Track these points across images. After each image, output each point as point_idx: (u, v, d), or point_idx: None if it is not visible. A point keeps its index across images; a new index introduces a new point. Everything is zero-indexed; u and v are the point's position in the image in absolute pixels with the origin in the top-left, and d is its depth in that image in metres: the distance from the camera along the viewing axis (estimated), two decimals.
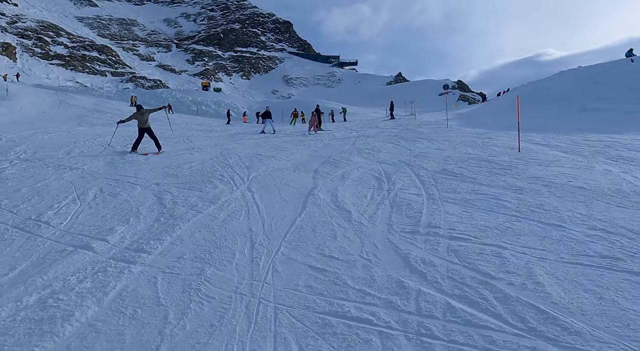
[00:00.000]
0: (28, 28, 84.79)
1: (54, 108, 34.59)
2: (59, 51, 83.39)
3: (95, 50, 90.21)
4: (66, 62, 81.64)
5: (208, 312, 2.61)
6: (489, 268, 3.13)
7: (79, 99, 41.53)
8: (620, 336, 2.26)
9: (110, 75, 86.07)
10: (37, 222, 4.57)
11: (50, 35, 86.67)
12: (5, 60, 71.99)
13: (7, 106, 30.33)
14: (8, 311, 2.62)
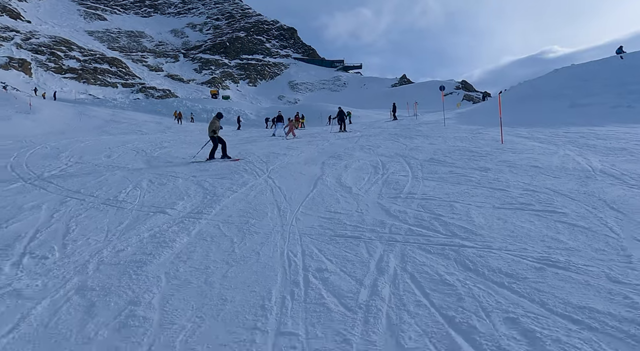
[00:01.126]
0: (42, 44, 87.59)
1: (74, 119, 36.66)
2: (72, 65, 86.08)
3: (106, 63, 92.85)
4: (79, 75, 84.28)
5: (257, 238, 4.11)
6: (442, 212, 4.60)
7: (96, 111, 43.61)
8: (505, 236, 3.71)
9: (121, 87, 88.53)
10: (116, 200, 6.13)
11: (63, 50, 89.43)
12: (22, 75, 74.71)
13: (34, 119, 32.40)
14: (136, 239, 4.15)
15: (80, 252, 3.92)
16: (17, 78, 70.73)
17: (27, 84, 69.18)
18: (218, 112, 12.42)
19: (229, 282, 3.11)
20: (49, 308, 2.81)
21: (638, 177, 5.72)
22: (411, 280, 2.98)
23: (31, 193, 6.87)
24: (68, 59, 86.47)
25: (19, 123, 29.79)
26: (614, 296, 2.58)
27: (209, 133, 11.66)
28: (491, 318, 2.42)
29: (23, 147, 14.29)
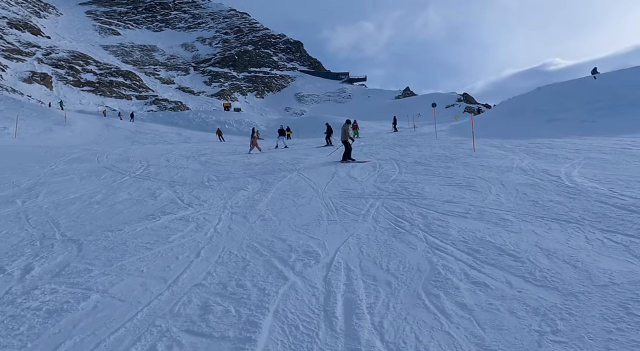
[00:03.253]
0: (61, 58, 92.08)
1: (104, 131, 40.42)
2: (89, 78, 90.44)
3: (120, 76, 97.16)
4: (95, 88, 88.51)
5: (306, 199, 7.45)
6: (409, 187, 7.94)
7: (120, 123, 47.47)
8: (435, 195, 7.04)
9: (135, 99, 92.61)
10: (204, 185, 9.52)
11: (80, 64, 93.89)
12: (43, 88, 78.94)
13: (71, 130, 36.16)
14: (241, 199, 7.56)
15: (216, 204, 7.31)
16: (40, 91, 75.04)
17: (48, 96, 73.45)
18: (347, 120, 15.17)
19: (299, 210, 6.48)
20: (211, 219, 6.17)
21: (538, 170, 9.05)
22: (384, 207, 6.33)
23: (144, 182, 10.30)
24: (85, 73, 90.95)
25: (60, 134, 33.51)
26: (477, 214, 5.90)
27: (342, 138, 13.91)
28: (413, 215, 5.73)
29: (93, 154, 17.83)
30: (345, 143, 13.72)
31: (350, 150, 13.58)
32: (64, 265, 4.07)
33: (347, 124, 14.38)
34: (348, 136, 13.75)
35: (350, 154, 13.50)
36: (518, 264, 3.54)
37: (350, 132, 13.95)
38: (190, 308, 3.00)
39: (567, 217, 5.05)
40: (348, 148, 13.56)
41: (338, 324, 2.67)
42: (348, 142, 13.66)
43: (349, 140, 13.74)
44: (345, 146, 13.65)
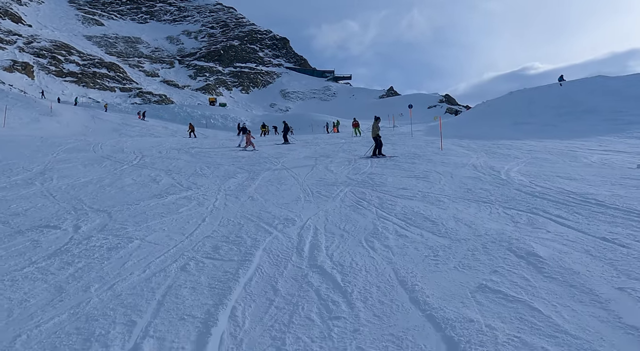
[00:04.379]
0: (43, 48, 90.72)
1: (91, 122, 40.98)
2: (72, 69, 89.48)
3: (104, 68, 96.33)
4: (78, 79, 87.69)
5: (288, 186, 8.88)
6: (375, 178, 9.45)
7: (107, 115, 47.92)
8: (396, 184, 8.56)
9: (119, 91, 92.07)
10: (198, 174, 10.85)
11: (63, 54, 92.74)
12: (25, 78, 77.94)
13: (57, 121, 36.68)
14: (232, 185, 8.93)
15: (211, 188, 8.68)
16: (21, 80, 74.13)
17: (30, 86, 72.75)
18: (376, 117, 15.77)
19: (281, 194, 7.92)
20: (209, 198, 7.56)
21: (486, 167, 10.70)
22: (351, 192, 7.82)
23: (143, 170, 11.56)
24: (68, 63, 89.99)
25: (47, 125, 34.07)
26: (421, 197, 7.43)
27: (373, 134, 14.75)
28: (372, 198, 7.23)
29: (88, 145, 18.86)
30: (375, 139, 14.52)
31: (380, 145, 14.34)
32: (103, 225, 5.43)
33: (376, 121, 15.16)
34: (377, 132, 14.61)
35: (380, 150, 14.30)
36: (433, 226, 5.07)
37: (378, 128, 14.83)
38: (205, 247, 4.41)
39: (485, 199, 6.63)
40: (378, 143, 14.35)
41: (305, 254, 4.14)
42: (378, 137, 14.46)
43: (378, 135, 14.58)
44: (376, 141, 14.45)
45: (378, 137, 14.54)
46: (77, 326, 2.65)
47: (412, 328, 2.57)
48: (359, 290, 3.19)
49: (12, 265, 3.82)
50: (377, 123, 15.07)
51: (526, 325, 2.52)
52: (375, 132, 14.69)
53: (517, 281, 3.20)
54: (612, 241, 4.10)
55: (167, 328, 2.63)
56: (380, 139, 14.55)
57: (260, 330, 2.61)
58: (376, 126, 14.95)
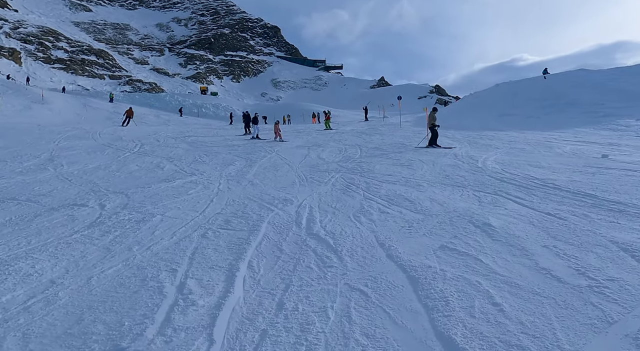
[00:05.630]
0: (30, 33, 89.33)
1: (82, 110, 41.14)
2: (60, 55, 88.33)
3: (93, 54, 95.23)
4: (67, 66, 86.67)
5: (281, 173, 9.66)
6: (364, 166, 10.30)
7: (97, 103, 47.91)
8: (382, 171, 9.42)
9: (108, 78, 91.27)
10: (198, 161, 11.59)
11: (51, 40, 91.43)
12: (12, 64, 76.87)
13: (49, 109, 36.82)
14: (233, 170, 9.70)
15: (213, 174, 9.45)
16: (8, 67, 73.16)
17: (17, 72, 71.86)
18: (434, 107, 15.87)
19: (278, 179, 8.73)
20: (213, 183, 8.34)
21: (466, 156, 11.62)
22: (341, 178, 8.67)
23: (145, 157, 12.26)
24: (56, 50, 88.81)
25: (40, 113, 34.25)
26: (404, 182, 8.30)
27: (428, 124, 14.69)
28: (360, 182, 8.08)
29: (86, 133, 19.40)
30: (431, 129, 14.53)
31: (436, 136, 14.42)
32: (124, 204, 6.20)
33: (434, 111, 15.10)
34: (433, 122, 14.56)
35: (436, 140, 14.38)
36: (411, 205, 5.95)
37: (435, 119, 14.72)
38: (218, 221, 5.23)
39: (460, 184, 7.53)
40: (434, 134, 14.44)
41: (302, 226, 4.99)
42: (434, 127, 14.50)
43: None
44: (432, 132, 14.52)
45: (434, 127, 14.55)
46: (133, 272, 3.46)
47: (386, 272, 3.44)
48: (347, 249, 4.06)
49: (60, 233, 4.60)
50: (434, 114, 14.99)
51: (469, 269, 3.41)
52: (432, 122, 14.64)
53: (470, 243, 4.09)
54: (554, 215, 5.02)
55: (201, 273, 3.46)
56: (436, 129, 14.54)
57: (272, 274, 3.46)
58: (433, 116, 14.88)
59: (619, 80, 30.63)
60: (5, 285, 3.16)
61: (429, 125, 14.69)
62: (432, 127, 14.54)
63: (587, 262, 3.48)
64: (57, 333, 2.50)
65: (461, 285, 3.14)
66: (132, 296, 3.00)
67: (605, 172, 8.28)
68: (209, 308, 2.81)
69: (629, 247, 3.76)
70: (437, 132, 14.52)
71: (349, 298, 3.00)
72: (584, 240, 4.04)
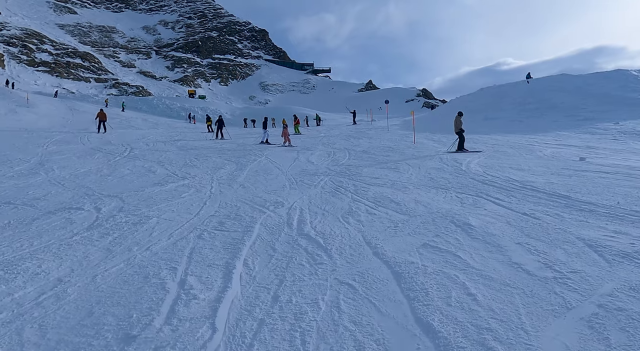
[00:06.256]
0: (13, 36, 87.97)
1: (69, 114, 40.73)
2: (44, 58, 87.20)
3: (78, 57, 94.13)
4: (52, 69, 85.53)
5: (272, 176, 9.90)
6: (352, 169, 10.59)
7: (84, 106, 47.48)
8: (370, 174, 9.75)
9: (94, 82, 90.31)
10: (189, 165, 11.76)
11: (35, 43, 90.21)
12: None
13: (35, 112, 36.43)
14: (224, 174, 9.90)
15: (205, 177, 9.64)
16: None
17: (1, 75, 70.73)
18: (459, 112, 15.46)
19: (269, 182, 8.97)
20: (205, 186, 8.54)
21: (451, 159, 12.00)
22: (330, 181, 8.95)
23: (136, 162, 12.38)
24: (40, 52, 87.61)
25: (25, 116, 33.86)
26: (390, 184, 8.61)
27: (455, 129, 14.62)
28: (349, 185, 8.37)
29: (74, 137, 19.36)
30: (459, 134, 14.53)
31: (463, 140, 14.42)
32: (120, 207, 6.38)
33: (459, 116, 15.05)
34: (460, 127, 14.63)
35: (463, 145, 14.34)
36: (397, 206, 6.25)
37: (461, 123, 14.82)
38: (212, 223, 5.46)
39: (444, 186, 7.87)
40: (462, 138, 14.43)
41: (294, 226, 5.25)
42: (461, 132, 14.52)
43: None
44: (460, 137, 14.50)
45: (462, 132, 14.58)
46: (135, 270, 3.68)
47: (372, 268, 3.73)
48: (336, 248, 4.33)
49: (60, 235, 4.78)
50: (459, 118, 15.03)
51: (448, 264, 3.72)
52: (459, 127, 14.70)
53: (450, 241, 4.40)
54: (530, 215, 5.36)
55: (200, 271, 3.70)
56: (463, 134, 14.56)
57: (267, 271, 3.71)
58: (459, 121, 14.94)
59: (598, 84, 31.58)
60: (15, 283, 3.36)
61: (457, 130, 14.67)
62: (460, 132, 14.57)
63: (555, 256, 3.81)
64: (71, 324, 2.71)
65: (440, 278, 3.44)
66: (136, 292, 3.23)
67: (581, 175, 8.72)
68: (209, 302, 3.05)
69: (593, 243, 4.11)
70: (464, 136, 14.54)
71: (338, 291, 3.27)
72: (554, 238, 4.38)
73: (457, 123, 14.84)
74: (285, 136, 18.73)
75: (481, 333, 2.56)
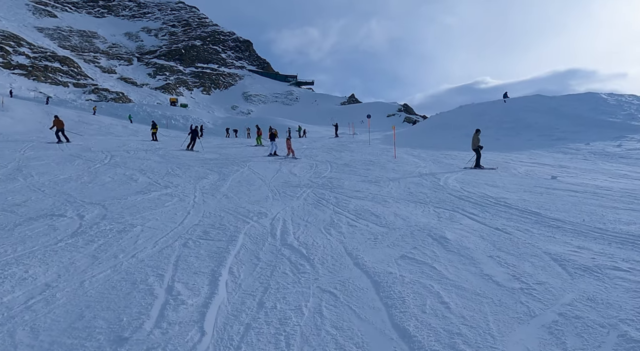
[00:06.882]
0: None
1: (45, 119, 39.83)
2: (21, 61, 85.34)
3: (57, 61, 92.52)
4: (28, 72, 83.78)
5: (255, 187, 10.03)
6: (334, 182, 10.83)
7: (61, 111, 46.52)
8: (351, 187, 9.98)
9: (73, 86, 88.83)
10: (171, 174, 11.77)
11: (12, 45, 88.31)
12: None
13: (10, 116, 35.54)
14: (207, 183, 9.96)
15: (188, 187, 9.68)
16: None
17: None
18: (477, 129, 15.68)
19: (252, 193, 9.09)
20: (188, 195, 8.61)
21: (430, 174, 12.37)
22: (313, 193, 9.14)
23: (117, 169, 12.30)
24: (17, 55, 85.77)
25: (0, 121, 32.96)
26: (371, 198, 8.86)
27: (473, 146, 14.85)
28: (330, 198, 8.58)
29: (52, 142, 19.02)
30: (476, 151, 14.78)
31: (479, 156, 14.71)
32: (103, 214, 6.40)
33: (476, 133, 15.25)
34: (478, 144, 14.82)
35: (479, 161, 14.59)
36: (377, 219, 6.48)
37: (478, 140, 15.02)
38: (197, 232, 5.56)
39: (422, 201, 8.17)
40: (479, 155, 14.70)
41: (277, 237, 5.40)
42: (479, 149, 14.75)
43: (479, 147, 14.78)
44: (477, 153, 14.75)
45: (479, 149, 14.79)
46: (122, 277, 3.76)
47: (353, 277, 3.92)
48: (318, 258, 4.51)
49: (44, 241, 4.81)
50: (477, 135, 15.21)
51: (424, 275, 3.94)
52: (476, 144, 14.89)
53: (427, 253, 4.64)
54: (502, 230, 5.67)
55: (186, 278, 3.81)
56: (480, 151, 14.79)
57: (251, 279, 3.85)
58: (476, 138, 15.13)
59: (571, 106, 32.96)
60: (3, 287, 3.40)
61: (474, 147, 14.88)
62: (477, 149, 14.79)
63: (523, 269, 4.09)
64: (63, 327, 2.80)
65: (417, 287, 3.66)
66: (125, 297, 3.32)
67: (552, 192, 9.17)
68: (197, 307, 3.18)
69: (558, 257, 4.41)
70: (480, 153, 14.77)
71: (320, 298, 3.45)
72: (523, 251, 4.68)
73: (475, 141, 15.06)
74: (289, 148, 18.44)
75: (452, 337, 2.78)
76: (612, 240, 5.07)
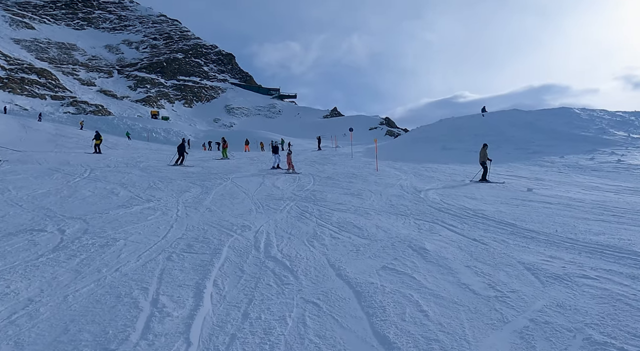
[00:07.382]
0: None
1: (22, 132, 38.97)
2: None
3: (34, 73, 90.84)
4: (4, 84, 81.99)
5: (238, 200, 10.06)
6: (317, 195, 10.94)
7: (39, 124, 45.63)
8: (334, 200, 10.12)
9: (50, 99, 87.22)
10: (152, 188, 11.70)
11: None
12: None
13: None
14: (190, 197, 9.94)
15: (170, 200, 9.65)
16: None
17: None
18: (484, 144, 15.71)
19: (235, 206, 9.13)
20: (171, 209, 8.59)
21: (410, 187, 12.62)
22: (296, 206, 9.23)
23: (97, 183, 12.16)
24: None
25: None
26: (354, 210, 9.00)
27: (480, 160, 14.98)
28: (313, 210, 8.68)
29: (30, 156, 18.65)
30: (483, 165, 14.93)
31: (487, 171, 14.88)
32: (84, 229, 6.36)
33: (484, 148, 15.37)
34: (486, 158, 15.00)
35: (486, 175, 14.76)
36: (359, 231, 6.62)
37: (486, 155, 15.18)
38: (181, 245, 5.58)
39: (403, 212, 8.36)
40: (485, 169, 14.84)
41: (261, 249, 5.47)
42: (485, 164, 14.92)
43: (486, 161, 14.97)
44: (484, 167, 14.88)
45: (485, 162, 14.96)
46: (106, 290, 3.78)
47: (335, 287, 4.03)
48: (302, 269, 4.60)
49: (24, 256, 4.76)
50: (484, 150, 15.32)
51: (404, 285, 4.09)
52: (484, 158, 15.05)
53: (407, 264, 4.79)
54: (479, 241, 5.89)
55: (171, 290, 3.85)
56: (486, 165, 14.96)
57: (236, 291, 3.91)
58: (484, 152, 15.25)
59: (546, 120, 34.10)
60: None
61: (481, 161, 15.06)
62: (484, 163, 14.95)
63: (498, 278, 4.28)
64: (48, 340, 2.81)
65: (397, 297, 3.79)
66: (110, 311, 3.34)
67: (527, 204, 9.50)
68: (183, 318, 3.23)
69: (531, 267, 4.62)
70: (487, 167, 14.94)
71: (304, 308, 3.54)
72: (498, 261, 4.88)
73: (483, 155, 15.21)
74: (289, 163, 18.33)
75: (430, 343, 2.91)
76: (582, 250, 5.33)
